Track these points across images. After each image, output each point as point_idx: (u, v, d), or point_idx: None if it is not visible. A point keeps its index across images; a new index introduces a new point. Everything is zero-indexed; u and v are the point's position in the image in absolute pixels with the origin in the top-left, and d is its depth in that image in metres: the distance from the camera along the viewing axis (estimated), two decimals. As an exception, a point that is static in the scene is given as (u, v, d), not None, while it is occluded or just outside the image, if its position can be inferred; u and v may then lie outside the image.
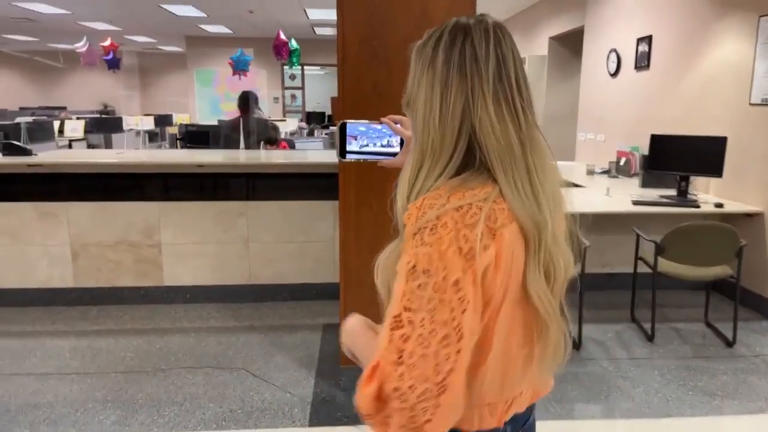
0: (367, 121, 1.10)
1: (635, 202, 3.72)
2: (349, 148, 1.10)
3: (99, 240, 3.76)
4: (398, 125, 1.10)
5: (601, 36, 6.05)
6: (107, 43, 8.96)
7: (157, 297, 3.85)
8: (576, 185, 4.48)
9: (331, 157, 4.00)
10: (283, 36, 8.23)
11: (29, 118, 8.62)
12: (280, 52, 8.43)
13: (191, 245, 3.82)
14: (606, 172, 5.12)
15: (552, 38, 7.45)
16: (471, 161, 0.82)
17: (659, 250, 3.26)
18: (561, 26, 7.18)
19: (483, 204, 0.76)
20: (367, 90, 2.52)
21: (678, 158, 3.90)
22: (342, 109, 2.56)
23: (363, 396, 0.70)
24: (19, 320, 3.59)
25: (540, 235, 0.79)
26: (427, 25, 0.89)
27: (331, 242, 3.87)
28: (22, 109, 12.76)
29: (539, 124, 0.85)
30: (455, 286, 0.71)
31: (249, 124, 5.20)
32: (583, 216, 0.99)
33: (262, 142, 5.09)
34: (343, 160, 1.11)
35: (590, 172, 5.12)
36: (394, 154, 1.10)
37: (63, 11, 9.11)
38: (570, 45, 7.31)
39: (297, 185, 3.86)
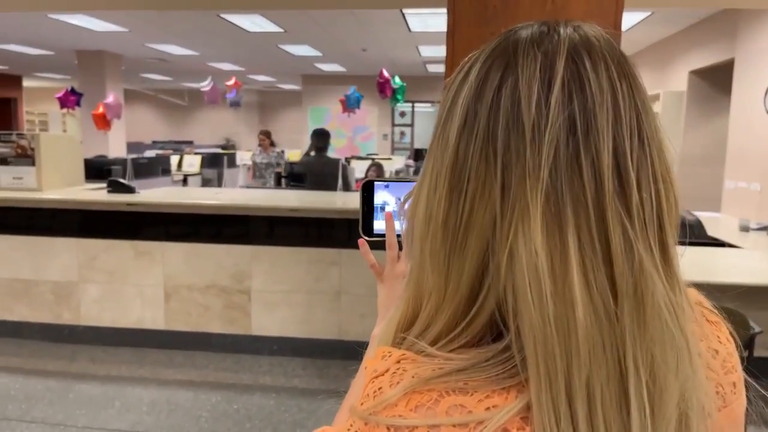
0: (402, 178, 0.70)
1: (816, 274, 2.93)
2: (378, 221, 0.69)
3: (190, 282, 3.62)
4: None
5: (757, 70, 5.19)
6: (231, 82, 9.40)
7: (244, 346, 3.62)
8: (727, 245, 3.71)
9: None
10: (386, 74, 8.13)
11: (152, 153, 9.22)
12: (384, 90, 8.31)
13: (281, 293, 3.57)
14: (764, 228, 4.27)
15: (693, 72, 6.61)
16: (498, 330, 0.41)
17: None
18: (704, 59, 6.34)
19: None
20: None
21: None
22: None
23: None
24: (108, 361, 3.50)
25: None
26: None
27: (430, 299, 3.44)
28: (154, 142, 13.79)
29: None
30: None
31: (332, 164, 4.95)
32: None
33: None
34: (369, 238, 0.70)
35: (744, 228, 4.28)
36: None
37: (192, 52, 9.69)
38: (714, 79, 6.45)
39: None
